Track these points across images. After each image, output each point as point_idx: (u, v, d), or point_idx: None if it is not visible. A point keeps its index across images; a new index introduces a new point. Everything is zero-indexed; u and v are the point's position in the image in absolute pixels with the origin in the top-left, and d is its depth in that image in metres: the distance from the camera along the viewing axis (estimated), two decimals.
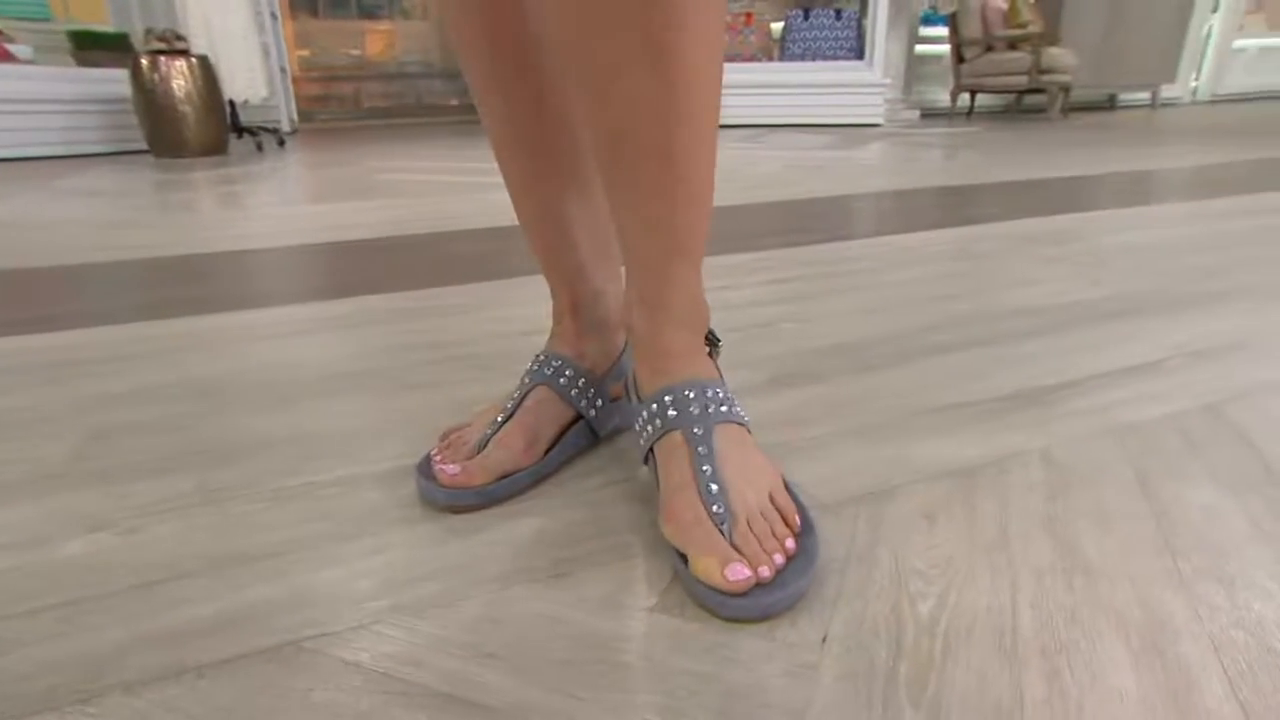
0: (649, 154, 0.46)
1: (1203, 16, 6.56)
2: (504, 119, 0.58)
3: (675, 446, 0.50)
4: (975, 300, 1.04)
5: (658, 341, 0.53)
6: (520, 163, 0.60)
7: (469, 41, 0.55)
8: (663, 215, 0.48)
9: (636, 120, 0.44)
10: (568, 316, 0.64)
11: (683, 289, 0.51)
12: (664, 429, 0.51)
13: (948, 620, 0.43)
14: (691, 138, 0.45)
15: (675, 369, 0.52)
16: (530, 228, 0.63)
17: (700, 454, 0.48)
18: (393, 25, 7.34)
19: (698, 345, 0.53)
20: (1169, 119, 5.09)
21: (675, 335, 0.52)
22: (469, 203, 2.00)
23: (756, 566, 0.44)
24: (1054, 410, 0.70)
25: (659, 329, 0.52)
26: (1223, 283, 1.10)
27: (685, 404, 0.51)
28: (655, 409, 0.52)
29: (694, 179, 0.47)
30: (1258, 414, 0.68)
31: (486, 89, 0.57)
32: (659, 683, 0.39)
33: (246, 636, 0.43)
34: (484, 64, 0.56)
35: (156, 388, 0.80)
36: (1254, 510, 0.53)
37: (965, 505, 0.55)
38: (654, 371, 0.53)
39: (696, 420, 0.50)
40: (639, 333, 0.54)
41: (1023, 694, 0.38)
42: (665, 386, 0.52)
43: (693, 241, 0.50)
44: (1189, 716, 0.36)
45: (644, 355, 0.54)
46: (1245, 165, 2.48)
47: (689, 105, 0.44)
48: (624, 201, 0.49)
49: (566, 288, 0.64)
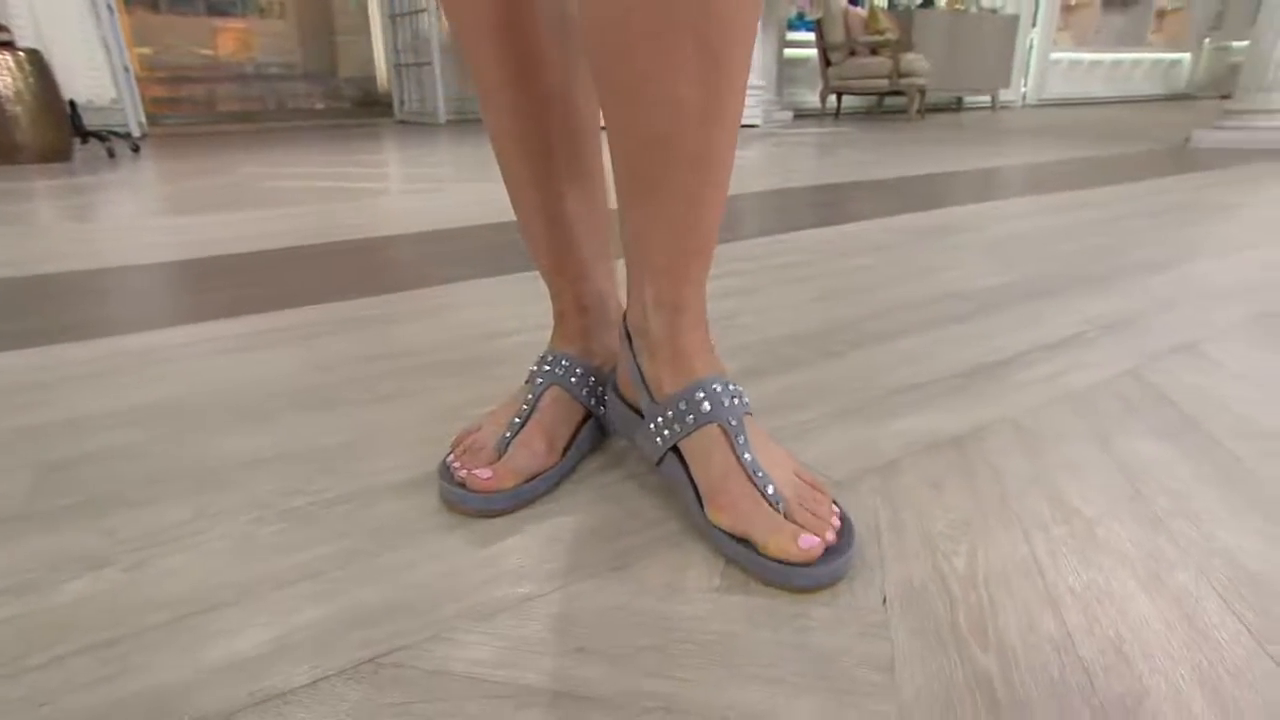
0: (686, 158, 0.47)
1: (1026, 31, 7.26)
2: (510, 119, 0.58)
3: (713, 439, 0.51)
4: (903, 288, 1.13)
5: (678, 342, 0.53)
6: (524, 163, 0.60)
7: (478, 42, 0.55)
8: (689, 218, 0.49)
9: (678, 125, 0.45)
10: (573, 316, 0.65)
11: (699, 289, 0.53)
12: (698, 423, 0.52)
13: (983, 572, 0.48)
14: (725, 140, 0.47)
15: (699, 367, 0.53)
16: (533, 229, 0.63)
17: (740, 443, 0.50)
18: (246, 23, 6.89)
19: (709, 343, 0.55)
20: (1007, 120, 5.60)
21: (693, 335, 0.53)
22: (365, 210, 1.93)
23: (823, 533, 0.46)
24: (1006, 383, 0.77)
25: (679, 330, 0.53)
26: (1104, 265, 1.24)
27: (718, 398, 0.52)
28: (684, 406, 0.52)
29: (722, 181, 0.49)
30: (1168, 376, 0.78)
31: (494, 88, 0.57)
32: (751, 656, 0.41)
33: (315, 659, 0.42)
34: (492, 65, 0.56)
35: (98, 416, 0.73)
36: (1193, 456, 0.62)
37: (962, 472, 0.60)
38: (677, 371, 0.53)
39: (730, 412, 0.52)
40: (656, 335, 0.54)
41: (1069, 628, 0.43)
42: (694, 383, 0.53)
43: (711, 241, 0.51)
44: (1203, 632, 0.42)
45: (663, 356, 0.54)
46: (1078, 162, 2.78)
47: (727, 108, 0.46)
48: (652, 206, 0.50)
49: (570, 288, 0.64)
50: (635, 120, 0.47)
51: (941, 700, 0.38)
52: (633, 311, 0.56)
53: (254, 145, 3.94)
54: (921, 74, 5.48)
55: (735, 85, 0.45)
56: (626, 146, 0.48)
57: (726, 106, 0.46)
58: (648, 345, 0.55)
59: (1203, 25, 8.68)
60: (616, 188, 0.51)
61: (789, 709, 0.38)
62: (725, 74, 0.44)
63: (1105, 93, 8.14)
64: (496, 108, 0.58)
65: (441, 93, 5.32)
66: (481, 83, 0.58)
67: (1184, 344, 0.87)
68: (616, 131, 0.48)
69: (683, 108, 0.45)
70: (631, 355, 0.57)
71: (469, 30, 0.55)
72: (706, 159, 0.47)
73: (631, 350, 0.57)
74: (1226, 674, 0.39)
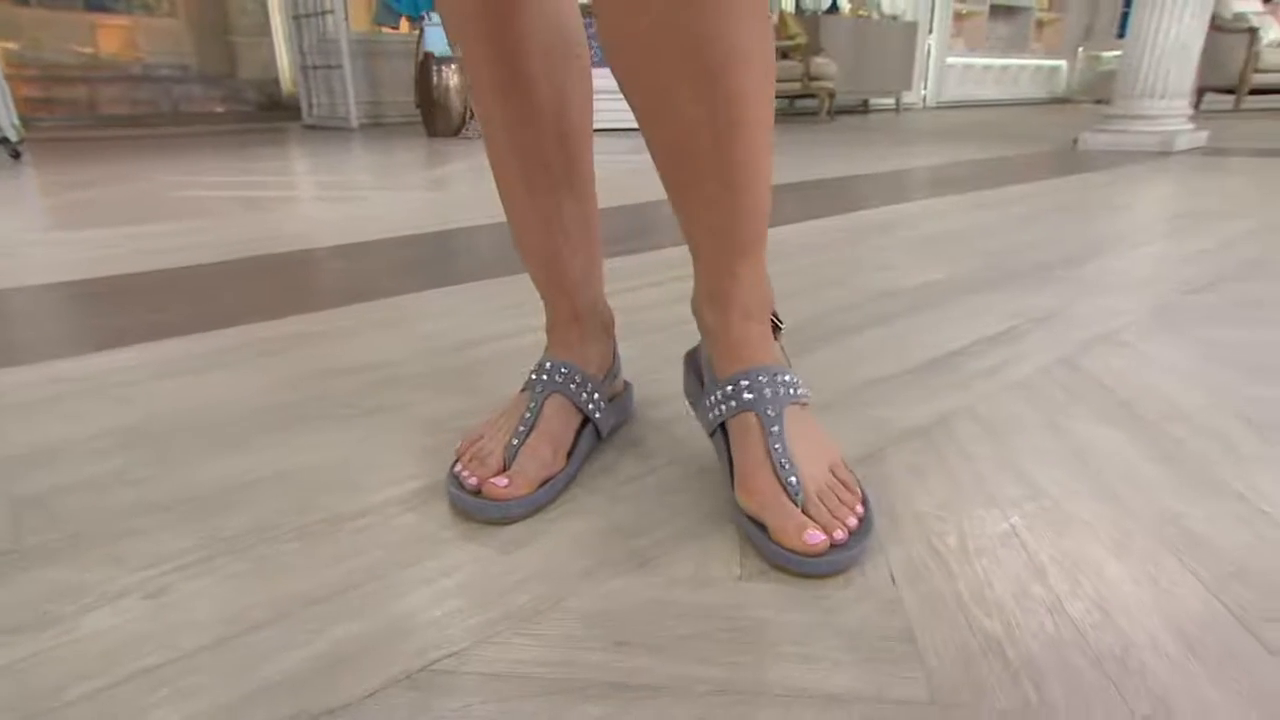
0: (707, 170, 0.50)
1: (924, 37, 7.64)
2: (508, 132, 0.60)
3: (749, 426, 0.55)
4: (850, 286, 1.19)
5: (728, 333, 0.57)
6: (522, 175, 0.62)
7: (478, 54, 0.57)
8: (724, 223, 0.52)
9: (694, 140, 0.48)
10: (569, 325, 0.67)
11: (747, 285, 0.55)
12: (738, 409, 0.56)
13: (973, 548, 0.53)
14: (747, 154, 0.49)
15: (747, 356, 0.57)
16: (530, 240, 0.65)
17: (773, 434, 0.54)
18: (130, 20, 6.49)
19: (764, 334, 0.58)
20: (912, 121, 5.89)
21: (744, 326, 0.57)
22: (290, 221, 1.88)
23: (831, 531, 0.50)
24: (959, 375, 0.84)
25: (729, 322, 0.57)
26: (1026, 260, 1.34)
27: (759, 388, 0.56)
28: (730, 390, 0.56)
29: (752, 190, 0.51)
30: (1099, 363, 0.87)
31: (493, 101, 0.59)
32: (785, 637, 0.45)
33: (368, 671, 0.42)
34: (491, 78, 0.58)
35: (63, 446, 0.70)
36: (1133, 436, 0.69)
37: (936, 458, 0.66)
38: (728, 360, 0.57)
39: (769, 403, 0.55)
40: (709, 325, 0.59)
41: (1057, 593, 0.48)
42: (742, 371, 0.56)
43: (755, 242, 0.54)
44: (1166, 589, 0.48)
45: (715, 345, 0.59)
46: (986, 163, 2.97)
47: (743, 125, 0.48)
48: (687, 210, 0.53)
49: (566, 297, 0.66)
50: (657, 133, 0.50)
51: (961, 662, 0.42)
52: (695, 297, 0.60)
53: (154, 151, 3.73)
54: (830, 77, 5.69)
55: (749, 104, 0.48)
56: (657, 155, 0.51)
57: (741, 122, 0.48)
58: (705, 330, 0.60)
59: (1076, 35, 9.35)
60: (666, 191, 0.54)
61: (830, 681, 0.41)
62: (729, 94, 0.47)
63: (996, 95, 8.65)
64: (493, 121, 0.60)
65: (353, 96, 5.17)
66: (477, 98, 0.60)
67: (1105, 333, 0.96)
68: (648, 140, 0.51)
69: (695, 123, 0.48)
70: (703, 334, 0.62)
71: (464, 45, 0.57)
72: (730, 169, 0.50)
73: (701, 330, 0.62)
74: (1189, 621, 0.45)
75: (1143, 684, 0.41)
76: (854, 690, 0.41)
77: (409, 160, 3.22)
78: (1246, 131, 4.09)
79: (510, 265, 1.37)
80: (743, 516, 0.54)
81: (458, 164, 3.06)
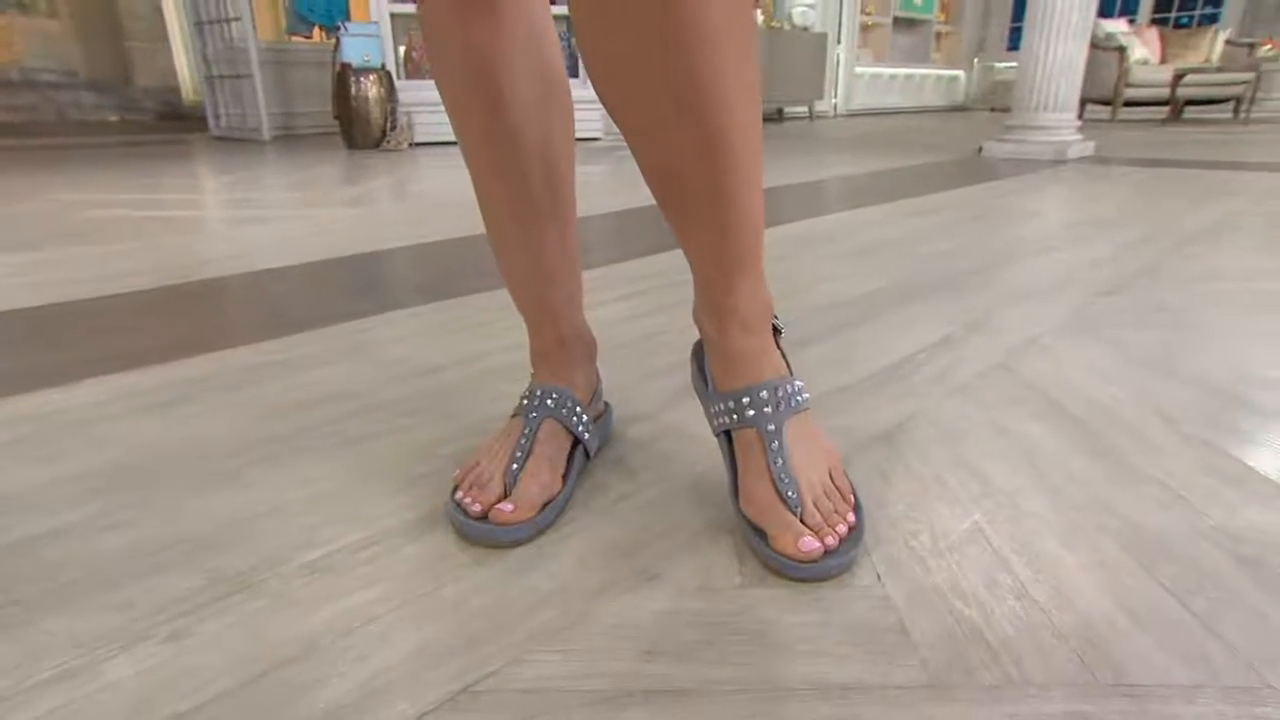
0: (698, 191, 0.51)
1: (834, 47, 7.94)
2: (495, 174, 0.63)
3: (751, 441, 0.59)
4: (798, 298, 1.25)
5: (729, 346, 0.59)
6: (509, 212, 0.65)
7: (466, 103, 0.59)
8: (717, 240, 0.54)
9: (682, 165, 0.50)
10: (555, 351, 0.70)
11: (745, 298, 0.58)
12: (740, 424, 0.59)
13: (944, 544, 0.59)
14: (735, 176, 0.50)
15: (747, 370, 0.59)
16: (517, 270, 0.67)
17: (773, 449, 0.58)
18: (7, 20, 6.07)
19: (764, 344, 0.60)
20: (826, 129, 6.11)
21: (743, 339, 0.59)
22: (221, 242, 1.82)
23: (824, 538, 0.55)
24: (909, 382, 0.91)
25: (728, 335, 0.59)
26: (953, 268, 1.44)
27: (760, 404, 0.59)
28: (732, 405, 0.60)
29: (743, 209, 0.52)
30: (1029, 366, 0.95)
31: (482, 145, 0.61)
32: (790, 635, 0.49)
33: (411, 697, 0.44)
34: (480, 126, 0.60)
35: (35, 490, 0.69)
36: (1066, 433, 0.77)
37: (900, 461, 0.72)
38: (728, 373, 0.60)
39: (770, 418, 0.58)
40: (710, 336, 0.61)
41: (1021, 580, 0.54)
42: (744, 387, 0.59)
43: (749, 257, 0.56)
44: (1113, 571, 0.55)
45: (716, 356, 0.61)
46: (901, 172, 3.13)
47: (730, 150, 0.49)
48: (680, 228, 0.55)
49: (552, 325, 0.69)
50: (646, 156, 0.52)
51: (949, 648, 0.48)
52: (695, 307, 0.63)
53: (44, 165, 3.51)
54: None
55: (735, 128, 0.48)
56: (647, 176, 0.53)
57: (729, 149, 0.49)
58: (707, 341, 0.62)
59: (972, 47, 9.91)
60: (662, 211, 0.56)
61: (838, 674, 0.46)
62: (720, 121, 0.47)
63: (902, 103, 9.06)
64: (481, 164, 0.62)
65: (265, 107, 4.99)
66: (464, 143, 0.62)
67: (1031, 338, 1.05)
68: (638, 161, 0.52)
69: (682, 147, 0.49)
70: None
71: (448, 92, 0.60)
72: (720, 189, 0.51)
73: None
74: (1133, 598, 0.52)
75: (1103, 655, 0.47)
76: (861, 680, 0.45)
77: (333, 175, 3.15)
78: (1123, 140, 4.44)
79: (457, 287, 1.38)
80: (744, 522, 0.58)
81: (383, 178, 3.02)
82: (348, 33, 4.19)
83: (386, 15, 4.26)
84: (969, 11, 9.70)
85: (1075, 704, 0.43)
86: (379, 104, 4.21)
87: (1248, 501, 0.64)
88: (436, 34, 0.59)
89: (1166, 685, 0.45)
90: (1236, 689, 0.44)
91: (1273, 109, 6.51)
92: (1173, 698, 0.44)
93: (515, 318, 1.15)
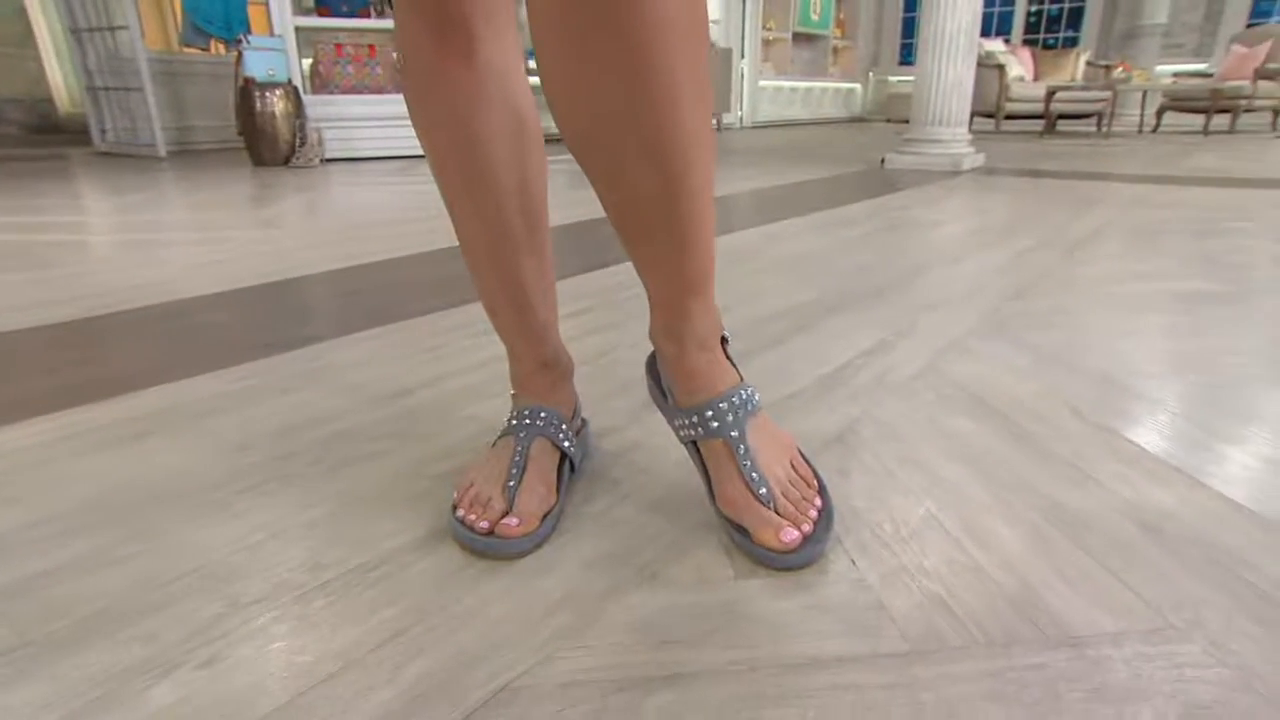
0: (657, 225, 0.56)
1: (738, 62, 8.22)
2: (475, 210, 0.67)
3: (719, 449, 0.65)
4: (737, 312, 1.33)
5: (685, 363, 0.65)
6: (488, 246, 0.69)
7: (444, 143, 0.64)
8: (674, 268, 0.60)
9: (644, 202, 0.55)
10: (536, 375, 0.74)
11: (699, 319, 0.63)
12: (706, 436, 0.65)
13: (905, 531, 0.66)
14: (692, 211, 0.56)
15: (705, 384, 0.65)
16: (498, 299, 0.72)
17: (741, 454, 0.64)
18: None
19: (718, 357, 0.66)
20: (735, 140, 6.31)
21: (698, 355, 0.64)
22: (140, 268, 1.76)
23: (800, 526, 0.62)
24: (849, 387, 0.99)
25: (685, 353, 0.64)
26: (876, 278, 1.56)
27: (722, 415, 0.65)
28: (696, 420, 0.65)
29: (697, 239, 0.58)
30: (955, 367, 1.06)
31: (461, 186, 0.66)
32: (785, 619, 0.55)
33: (453, 701, 0.48)
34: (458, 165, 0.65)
35: (25, 528, 0.68)
36: (993, 427, 0.87)
37: (855, 460, 0.80)
38: (687, 390, 0.66)
39: (732, 426, 0.65)
40: (667, 355, 0.66)
41: (975, 559, 0.62)
42: (705, 401, 0.65)
43: (702, 281, 0.61)
44: (1047, 545, 0.64)
45: (674, 373, 0.66)
46: (811, 184, 3.29)
47: (686, 189, 0.54)
48: (639, 258, 0.60)
49: (531, 350, 0.74)
50: (609, 196, 0.56)
51: (922, 619, 0.55)
52: (652, 329, 0.67)
53: None
54: None
55: (691, 170, 0.53)
56: (610, 212, 0.58)
57: (685, 188, 0.54)
58: (664, 359, 0.67)
59: (866, 61, 10.43)
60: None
61: (833, 647, 0.52)
62: (676, 163, 0.52)
63: (803, 115, 9.44)
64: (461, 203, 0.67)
65: (158, 122, 4.75)
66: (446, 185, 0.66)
67: (953, 341, 1.16)
68: (601, 199, 0.57)
69: (645, 190, 0.54)
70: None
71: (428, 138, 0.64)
72: (677, 224, 0.56)
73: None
74: (1066, 564, 0.61)
75: (1048, 616, 0.55)
76: (853, 652, 0.52)
77: (243, 193, 3.05)
78: (1008, 152, 4.79)
79: (400, 310, 1.39)
80: (725, 521, 0.65)
81: (297, 197, 2.95)
82: (250, 46, 4.06)
83: (291, 29, 4.15)
84: (863, 28, 10.21)
85: (1031, 657, 0.51)
86: (286, 119, 4.09)
87: (1144, 478, 0.75)
88: (417, 74, 0.63)
89: (1098, 634, 0.53)
90: (1150, 630, 0.53)
91: (1129, 124, 7.18)
92: (1103, 643, 0.52)
93: (468, 340, 1.19)
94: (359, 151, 4.44)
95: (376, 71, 4.94)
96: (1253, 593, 0.57)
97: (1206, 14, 7.92)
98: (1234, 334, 1.18)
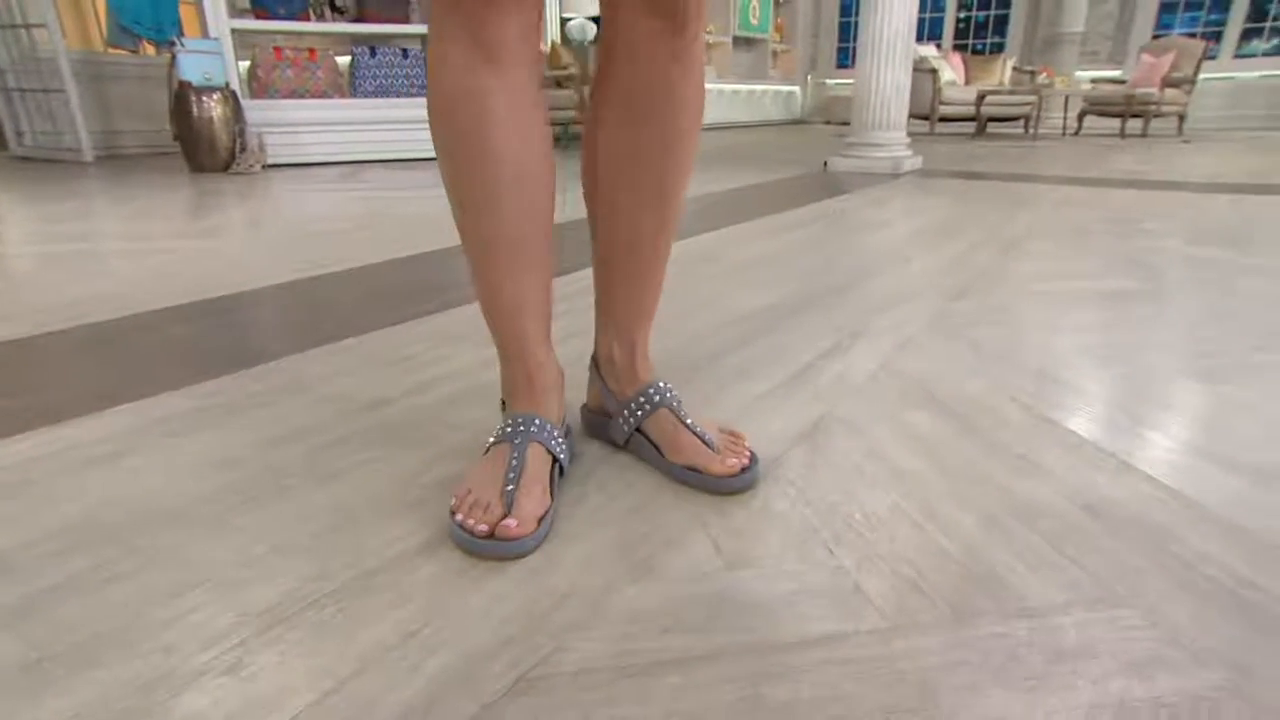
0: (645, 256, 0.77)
1: None
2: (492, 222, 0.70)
3: (665, 416, 0.81)
4: (702, 315, 1.38)
5: (633, 370, 0.84)
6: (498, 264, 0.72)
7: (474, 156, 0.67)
8: (643, 297, 0.80)
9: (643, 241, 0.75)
10: (528, 386, 0.78)
11: (645, 334, 0.85)
12: (653, 410, 0.82)
13: (875, 519, 0.72)
14: (669, 240, 0.76)
15: (644, 378, 0.85)
16: (504, 315, 0.75)
17: (682, 414, 0.81)
18: None
19: (649, 361, 0.86)
20: None
21: (642, 363, 0.85)
22: (90, 279, 1.72)
23: (741, 457, 0.76)
24: (813, 385, 1.05)
25: (634, 362, 0.84)
26: (828, 280, 1.63)
27: (663, 391, 0.84)
28: (643, 400, 0.83)
29: (660, 273, 0.80)
30: (907, 364, 1.13)
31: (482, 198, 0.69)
32: (775, 602, 0.60)
33: (473, 691, 0.51)
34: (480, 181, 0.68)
35: (17, 549, 0.68)
36: (946, 419, 0.94)
37: (822, 454, 0.85)
38: (632, 382, 0.84)
39: (672, 398, 0.83)
40: (619, 363, 0.84)
41: (941, 542, 0.68)
42: (648, 385, 0.84)
43: (655, 305, 0.84)
44: (1004, 528, 0.71)
45: (621, 377, 0.85)
46: (758, 188, 3.38)
47: (671, 222, 0.75)
48: (620, 290, 0.80)
49: (524, 363, 0.77)
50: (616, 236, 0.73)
51: (896, 599, 0.61)
52: (602, 350, 0.86)
53: None
54: None
55: (680, 206, 0.74)
56: (611, 250, 0.75)
57: (671, 222, 0.75)
58: (613, 371, 0.85)
59: (805, 64, 10.67)
60: (600, 274, 0.78)
61: (820, 627, 0.57)
62: (672, 204, 0.74)
63: (746, 117, 9.60)
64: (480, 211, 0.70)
65: (84, 125, 4.57)
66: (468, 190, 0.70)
67: (904, 340, 1.24)
68: (604, 241, 0.69)
69: (644, 228, 0.74)
70: (601, 379, 0.87)
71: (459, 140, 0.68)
72: (657, 255, 0.78)
73: (600, 376, 0.87)
74: (1022, 546, 0.68)
75: (1006, 590, 0.62)
76: (840, 630, 0.57)
77: (184, 201, 2.97)
78: (943, 155, 4.99)
79: (366, 322, 1.40)
80: (681, 470, 0.78)
81: (242, 204, 2.89)
82: (184, 49, 3.94)
83: (227, 31, 4.05)
84: (801, 32, 10.44)
85: (994, 627, 0.57)
86: (225, 124, 3.99)
87: (1085, 464, 0.83)
88: (447, 88, 0.66)
89: (1051, 605, 0.60)
90: (1096, 599, 0.60)
91: (1053, 126, 7.55)
92: (1056, 613, 0.59)
93: (440, 351, 1.21)
94: (301, 157, 4.36)
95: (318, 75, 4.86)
96: (1179, 563, 0.65)
97: (1118, 24, 8.37)
98: (1153, 329, 1.28)
